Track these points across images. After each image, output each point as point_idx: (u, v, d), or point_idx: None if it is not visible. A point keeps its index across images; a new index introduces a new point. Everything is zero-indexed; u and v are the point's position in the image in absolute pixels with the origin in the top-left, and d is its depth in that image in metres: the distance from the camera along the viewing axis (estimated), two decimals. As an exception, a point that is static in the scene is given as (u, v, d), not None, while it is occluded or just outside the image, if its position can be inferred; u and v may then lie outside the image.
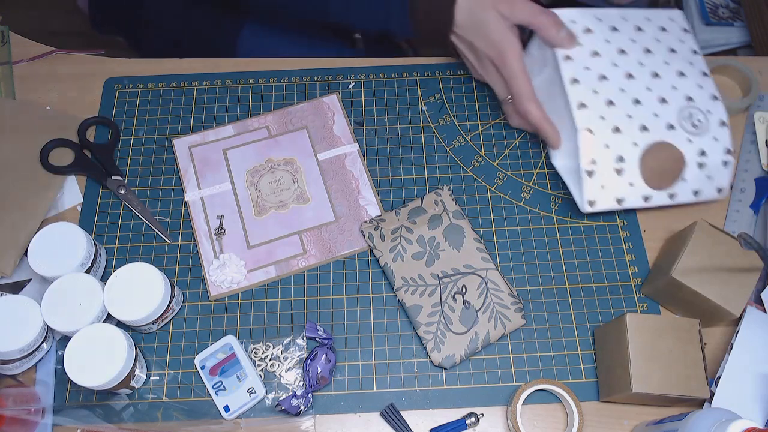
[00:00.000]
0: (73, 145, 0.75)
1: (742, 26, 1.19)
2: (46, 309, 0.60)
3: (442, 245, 0.68)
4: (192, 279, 0.69)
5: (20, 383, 0.63)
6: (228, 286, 0.68)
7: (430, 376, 0.64)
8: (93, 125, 0.77)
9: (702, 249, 0.63)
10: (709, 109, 0.69)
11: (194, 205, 0.73)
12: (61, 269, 0.62)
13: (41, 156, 0.73)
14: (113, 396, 0.63)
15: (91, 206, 0.73)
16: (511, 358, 0.65)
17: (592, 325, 0.67)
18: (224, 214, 0.72)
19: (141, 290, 0.62)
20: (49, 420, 0.61)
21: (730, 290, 0.61)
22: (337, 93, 0.79)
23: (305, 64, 0.82)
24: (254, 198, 0.73)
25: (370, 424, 0.62)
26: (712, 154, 0.68)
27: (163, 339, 0.66)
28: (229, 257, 0.69)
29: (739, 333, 0.62)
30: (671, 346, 0.58)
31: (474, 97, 0.79)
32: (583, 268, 0.70)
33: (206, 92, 0.79)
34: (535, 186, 0.74)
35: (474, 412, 0.62)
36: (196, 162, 0.75)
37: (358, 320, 0.67)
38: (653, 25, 0.73)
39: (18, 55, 0.82)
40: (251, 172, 0.74)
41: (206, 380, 0.63)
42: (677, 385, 0.57)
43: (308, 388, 0.61)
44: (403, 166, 0.75)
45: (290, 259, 0.70)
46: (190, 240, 0.71)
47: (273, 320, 0.67)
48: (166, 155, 0.76)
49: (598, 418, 0.62)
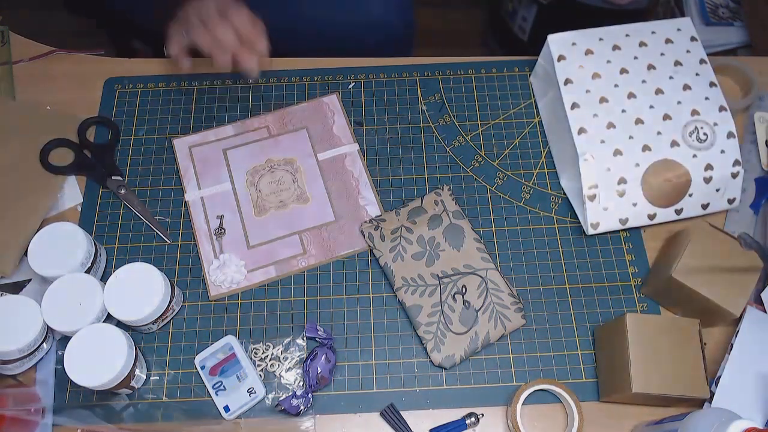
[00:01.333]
0: (73, 145, 0.75)
1: (742, 26, 1.20)
2: (46, 309, 0.60)
3: (442, 245, 0.68)
4: (192, 279, 0.69)
5: (20, 383, 0.63)
6: (228, 286, 0.68)
7: (430, 376, 0.64)
8: (93, 125, 0.77)
9: (702, 249, 0.63)
10: (716, 122, 0.69)
11: (194, 205, 0.73)
12: (61, 269, 0.62)
13: (41, 156, 0.73)
14: (113, 396, 0.63)
15: (91, 206, 0.72)
16: (511, 358, 0.65)
17: (592, 325, 0.67)
18: (224, 214, 0.72)
19: (141, 290, 0.61)
20: (49, 420, 0.61)
21: (730, 290, 0.61)
22: (337, 93, 0.79)
23: (305, 64, 0.82)
24: (254, 198, 0.73)
25: (370, 424, 0.62)
26: (720, 167, 0.68)
27: (163, 339, 0.66)
28: (229, 257, 0.69)
29: (739, 333, 0.62)
30: (671, 346, 0.58)
31: (474, 97, 0.79)
32: (583, 268, 0.70)
33: (206, 92, 0.79)
34: (535, 186, 0.74)
35: (474, 412, 0.62)
36: (196, 162, 0.75)
37: (358, 320, 0.67)
38: (659, 38, 0.72)
39: (18, 55, 0.82)
40: (251, 172, 0.74)
41: (206, 380, 0.63)
42: (677, 385, 0.57)
43: (308, 388, 0.61)
44: (403, 166, 0.75)
45: (290, 259, 0.70)
46: (190, 240, 0.71)
47: (273, 320, 0.67)
48: (166, 155, 0.76)
49: (598, 418, 0.62)
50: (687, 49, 0.72)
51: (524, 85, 0.80)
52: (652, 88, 0.70)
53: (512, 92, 0.80)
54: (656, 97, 0.70)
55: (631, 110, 0.69)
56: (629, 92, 0.70)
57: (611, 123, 0.68)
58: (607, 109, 0.69)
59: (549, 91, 0.75)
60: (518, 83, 0.80)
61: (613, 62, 0.71)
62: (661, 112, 0.69)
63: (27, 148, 0.74)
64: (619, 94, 0.70)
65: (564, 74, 0.70)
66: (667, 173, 0.67)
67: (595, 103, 0.69)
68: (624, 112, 0.69)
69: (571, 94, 0.70)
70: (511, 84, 0.80)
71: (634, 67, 0.71)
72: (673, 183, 0.67)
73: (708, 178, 0.68)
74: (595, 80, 0.70)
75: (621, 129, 0.68)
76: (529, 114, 0.78)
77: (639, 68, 0.71)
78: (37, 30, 0.84)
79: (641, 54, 0.71)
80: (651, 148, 0.68)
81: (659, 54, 0.72)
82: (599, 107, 0.69)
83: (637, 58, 0.71)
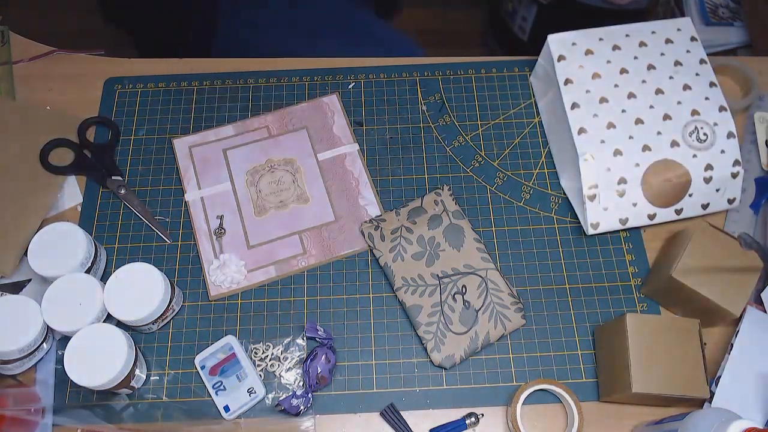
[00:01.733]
0: (73, 145, 0.75)
1: (742, 26, 1.19)
2: (46, 309, 0.60)
3: (442, 245, 0.68)
4: (192, 279, 0.69)
5: (20, 383, 0.63)
6: (228, 286, 0.68)
7: (430, 376, 0.64)
8: (93, 125, 0.77)
9: (702, 249, 0.63)
10: (716, 122, 0.69)
11: (194, 205, 0.73)
12: (61, 269, 0.62)
13: (41, 156, 0.73)
14: (113, 396, 0.63)
15: (91, 206, 0.72)
16: (511, 358, 0.65)
17: (592, 325, 0.67)
18: (224, 214, 0.72)
19: (141, 290, 0.61)
20: (49, 420, 0.61)
21: (730, 290, 0.61)
22: (337, 93, 0.79)
23: (305, 64, 0.82)
24: (254, 198, 0.73)
25: (370, 424, 0.62)
26: (720, 167, 0.68)
27: (163, 339, 0.66)
28: (229, 257, 0.69)
29: (739, 333, 0.62)
30: (671, 346, 0.58)
31: (474, 97, 0.79)
32: (583, 268, 0.70)
33: (206, 92, 0.79)
34: (535, 186, 0.74)
35: (474, 412, 0.62)
36: (196, 162, 0.75)
37: (358, 320, 0.67)
38: (659, 38, 0.72)
39: (18, 55, 0.82)
40: (251, 172, 0.74)
41: (206, 380, 0.63)
42: (677, 385, 0.57)
43: (308, 388, 0.61)
44: (403, 166, 0.75)
45: (290, 259, 0.70)
46: (190, 240, 0.71)
47: (273, 320, 0.67)
48: (166, 155, 0.76)
49: (598, 418, 0.62)
50: (687, 49, 0.72)
51: (524, 85, 0.80)
52: (652, 88, 0.70)
53: (512, 92, 0.80)
54: (656, 97, 0.70)
55: (631, 110, 0.69)
56: (629, 92, 0.70)
57: (611, 123, 0.68)
58: (607, 109, 0.69)
59: (549, 91, 0.75)
60: (518, 83, 0.80)
61: (613, 62, 0.71)
62: (661, 112, 0.69)
63: (27, 149, 0.74)
64: (619, 94, 0.70)
65: (564, 74, 0.70)
66: (667, 173, 0.67)
67: (595, 103, 0.69)
68: (624, 112, 0.69)
69: (571, 94, 0.70)
70: (511, 84, 0.80)
71: (634, 67, 0.71)
72: (673, 183, 0.67)
73: (708, 178, 0.68)
74: (595, 80, 0.70)
75: (621, 129, 0.68)
76: (529, 114, 0.78)
77: (639, 68, 0.71)
78: (37, 30, 0.84)
79: (641, 54, 0.71)
80: (651, 148, 0.68)
81: (659, 54, 0.72)
82: (599, 107, 0.69)
83: (637, 58, 0.71)
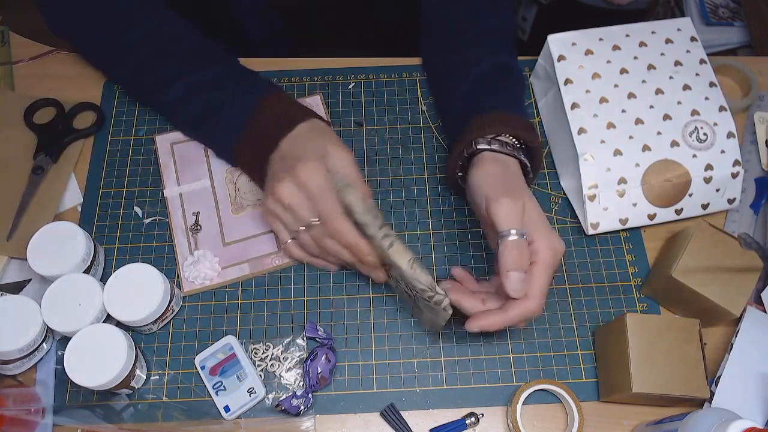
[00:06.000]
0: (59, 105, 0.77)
1: (742, 26, 1.20)
2: (46, 309, 0.60)
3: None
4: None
5: (20, 383, 0.63)
6: (201, 282, 0.68)
7: (430, 376, 0.64)
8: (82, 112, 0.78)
9: (702, 249, 0.63)
10: (716, 122, 0.69)
11: (173, 201, 0.72)
12: (60, 269, 0.62)
13: (25, 114, 0.76)
14: (113, 396, 0.63)
15: (91, 206, 0.72)
16: (511, 358, 0.65)
17: (592, 325, 0.67)
18: (201, 210, 0.71)
19: (141, 290, 0.61)
20: (49, 420, 0.61)
21: (730, 290, 0.61)
22: (320, 94, 0.79)
23: (305, 64, 0.82)
24: (232, 195, 0.72)
25: (370, 424, 0.62)
26: (720, 167, 0.68)
27: (163, 339, 0.66)
28: (203, 253, 0.69)
29: (739, 333, 0.62)
30: (671, 346, 0.58)
31: (474, 97, 0.79)
32: (583, 268, 0.69)
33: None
34: (535, 186, 0.74)
35: (474, 412, 0.62)
36: (176, 158, 0.75)
37: (358, 320, 0.67)
38: (659, 38, 0.72)
39: (18, 55, 0.82)
40: (230, 170, 0.74)
41: (206, 380, 0.63)
42: (677, 385, 0.57)
43: (308, 388, 0.61)
44: (403, 166, 0.75)
45: (264, 257, 0.69)
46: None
47: (273, 320, 0.67)
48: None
49: (598, 418, 0.62)
50: (687, 49, 0.72)
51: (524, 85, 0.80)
52: (652, 88, 0.70)
53: (512, 92, 0.80)
54: (656, 97, 0.70)
55: (631, 110, 0.69)
56: (629, 92, 0.70)
57: (611, 123, 0.68)
58: (607, 109, 0.69)
59: (549, 91, 0.75)
60: (518, 83, 0.80)
61: (613, 62, 0.71)
62: (661, 112, 0.69)
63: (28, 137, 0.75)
64: (619, 94, 0.70)
65: (564, 74, 0.70)
66: (667, 173, 0.67)
67: (595, 103, 0.69)
68: (624, 112, 0.69)
69: (571, 94, 0.70)
70: (511, 84, 0.80)
71: (634, 67, 0.71)
72: (673, 183, 0.67)
73: (708, 178, 0.68)
74: (595, 80, 0.70)
75: (621, 129, 0.68)
76: (529, 114, 0.78)
77: (639, 68, 0.71)
78: (37, 30, 0.83)
79: (641, 54, 0.71)
80: (651, 148, 0.68)
81: (659, 54, 0.72)
82: (599, 107, 0.69)
83: (637, 58, 0.71)
